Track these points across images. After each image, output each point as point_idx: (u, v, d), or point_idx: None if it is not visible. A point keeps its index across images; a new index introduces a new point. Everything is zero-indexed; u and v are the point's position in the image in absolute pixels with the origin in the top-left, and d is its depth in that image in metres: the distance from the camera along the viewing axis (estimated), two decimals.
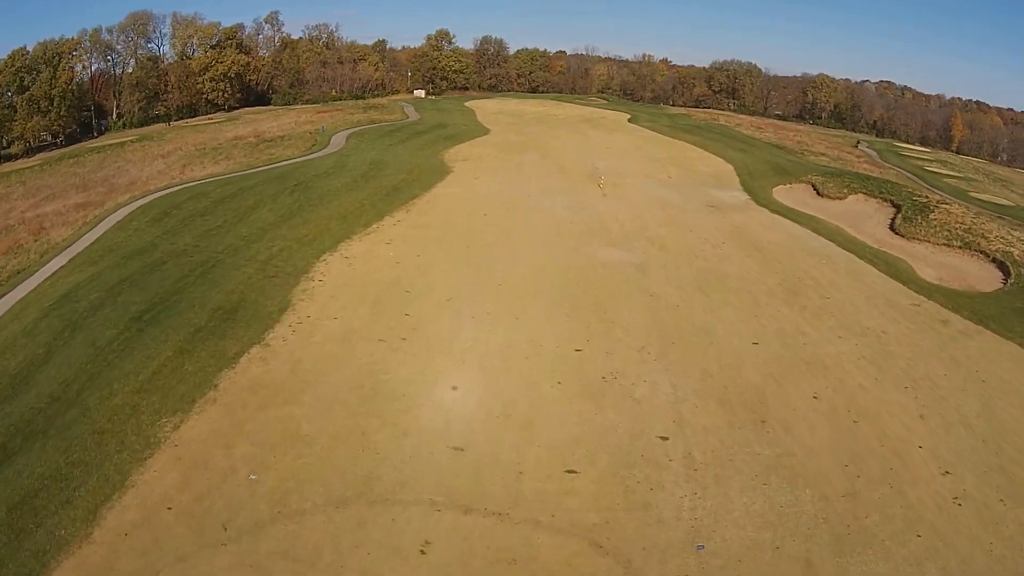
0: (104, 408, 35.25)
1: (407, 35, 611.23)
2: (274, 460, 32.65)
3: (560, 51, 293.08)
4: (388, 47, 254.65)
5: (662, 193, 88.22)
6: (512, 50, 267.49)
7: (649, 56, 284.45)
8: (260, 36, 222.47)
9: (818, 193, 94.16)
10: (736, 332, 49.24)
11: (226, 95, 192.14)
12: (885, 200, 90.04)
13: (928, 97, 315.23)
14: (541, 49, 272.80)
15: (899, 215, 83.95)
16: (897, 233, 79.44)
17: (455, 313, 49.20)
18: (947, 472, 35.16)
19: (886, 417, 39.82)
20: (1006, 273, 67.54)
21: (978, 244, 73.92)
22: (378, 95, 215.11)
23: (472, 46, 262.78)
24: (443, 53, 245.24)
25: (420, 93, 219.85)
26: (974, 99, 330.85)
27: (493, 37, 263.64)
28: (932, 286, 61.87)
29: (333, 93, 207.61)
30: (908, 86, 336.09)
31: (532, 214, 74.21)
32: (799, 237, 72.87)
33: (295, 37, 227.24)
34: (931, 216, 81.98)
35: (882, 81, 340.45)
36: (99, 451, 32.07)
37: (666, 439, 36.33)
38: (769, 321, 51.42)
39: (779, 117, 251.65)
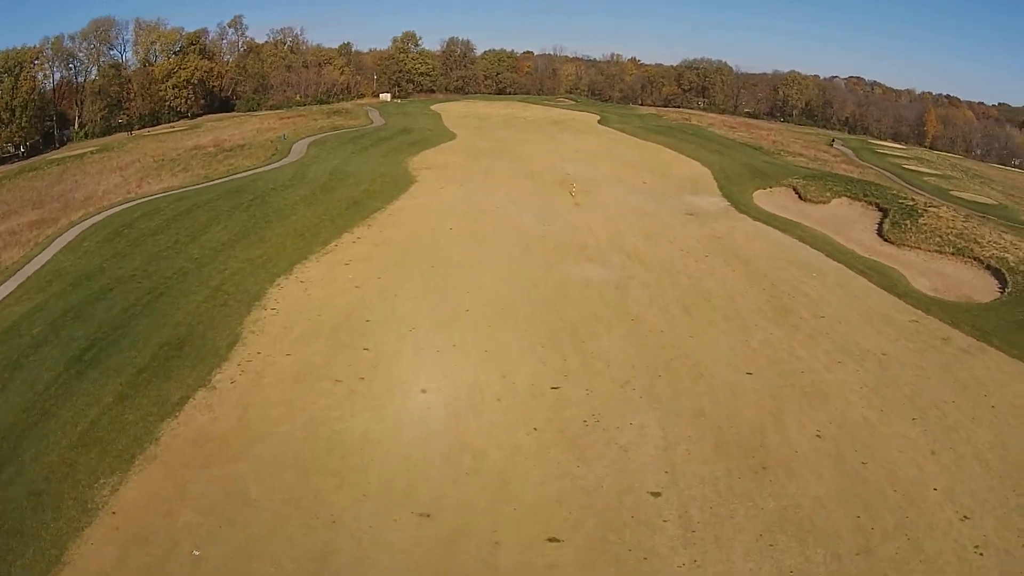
0: (40, 465, 31.88)
1: (375, 37, 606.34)
2: (220, 531, 29.13)
3: (527, 51, 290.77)
4: (354, 50, 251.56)
5: (637, 201, 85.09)
6: (479, 51, 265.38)
7: (618, 55, 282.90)
8: (224, 41, 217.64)
9: (800, 197, 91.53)
10: (727, 360, 46.04)
11: (189, 102, 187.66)
12: (870, 204, 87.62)
13: (899, 92, 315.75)
14: (508, 50, 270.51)
15: (886, 220, 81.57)
16: (886, 240, 76.96)
17: (418, 347, 45.67)
18: (965, 517, 32.32)
19: (896, 455, 36.82)
20: (1002, 281, 65.32)
21: (971, 250, 71.72)
22: (343, 99, 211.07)
23: (439, 48, 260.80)
24: (409, 55, 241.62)
25: (386, 97, 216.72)
26: (944, 93, 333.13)
27: (460, 38, 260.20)
28: (929, 298, 59.33)
29: (297, 98, 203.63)
30: (878, 81, 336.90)
31: (501, 227, 70.91)
32: (785, 247, 70.02)
33: (260, 41, 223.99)
34: (920, 221, 79.57)
35: (851, 77, 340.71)
36: (35, 518, 28.78)
37: (658, 495, 32.97)
38: (761, 346, 48.30)
39: (750, 115, 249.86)
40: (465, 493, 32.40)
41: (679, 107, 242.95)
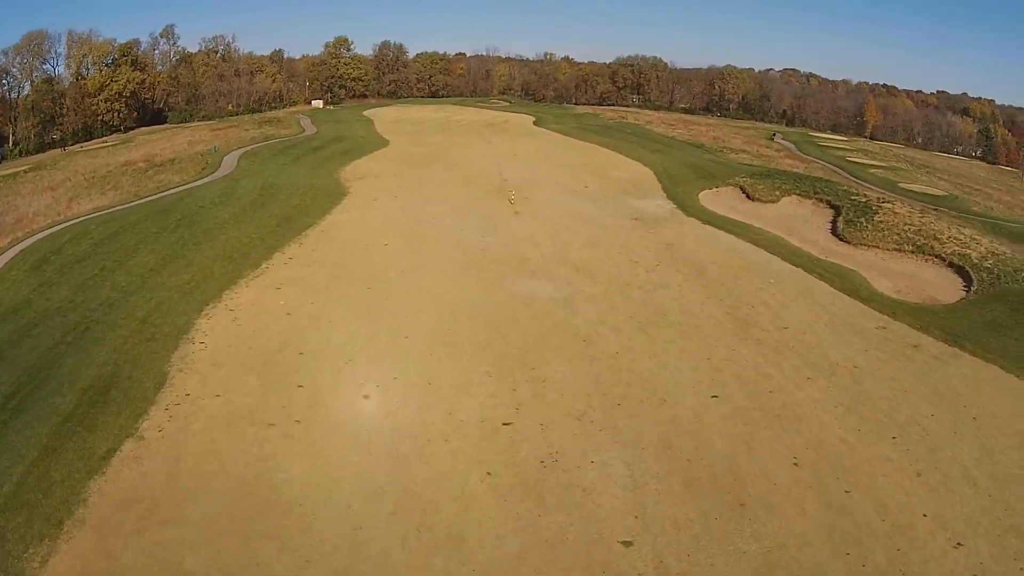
0: None
1: (309, 43, 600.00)
2: None
3: (460, 53, 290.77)
4: (286, 57, 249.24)
5: (580, 206, 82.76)
6: (412, 54, 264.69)
7: (551, 55, 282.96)
8: (156, 51, 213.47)
9: (748, 196, 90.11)
10: (690, 383, 43.59)
11: (122, 115, 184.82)
12: (821, 201, 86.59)
13: (835, 83, 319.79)
14: (441, 52, 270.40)
15: (840, 218, 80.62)
16: (842, 239, 75.99)
17: (356, 382, 42.41)
18: (959, 544, 30.48)
19: (880, 480, 34.73)
20: (966, 279, 64.55)
21: (931, 247, 71.04)
22: (275, 107, 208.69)
23: (371, 52, 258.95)
24: (342, 61, 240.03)
25: (318, 103, 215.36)
26: (881, 83, 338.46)
27: (392, 42, 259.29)
28: (893, 302, 57.93)
29: (230, 108, 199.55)
30: (813, 73, 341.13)
31: (439, 241, 68.04)
32: (739, 252, 68.12)
33: (192, 51, 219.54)
34: (876, 218, 78.65)
35: (786, 69, 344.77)
36: None
37: (630, 544, 30.30)
38: (725, 364, 45.98)
39: (685, 111, 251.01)
40: (416, 555, 29.34)
41: (613, 105, 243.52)
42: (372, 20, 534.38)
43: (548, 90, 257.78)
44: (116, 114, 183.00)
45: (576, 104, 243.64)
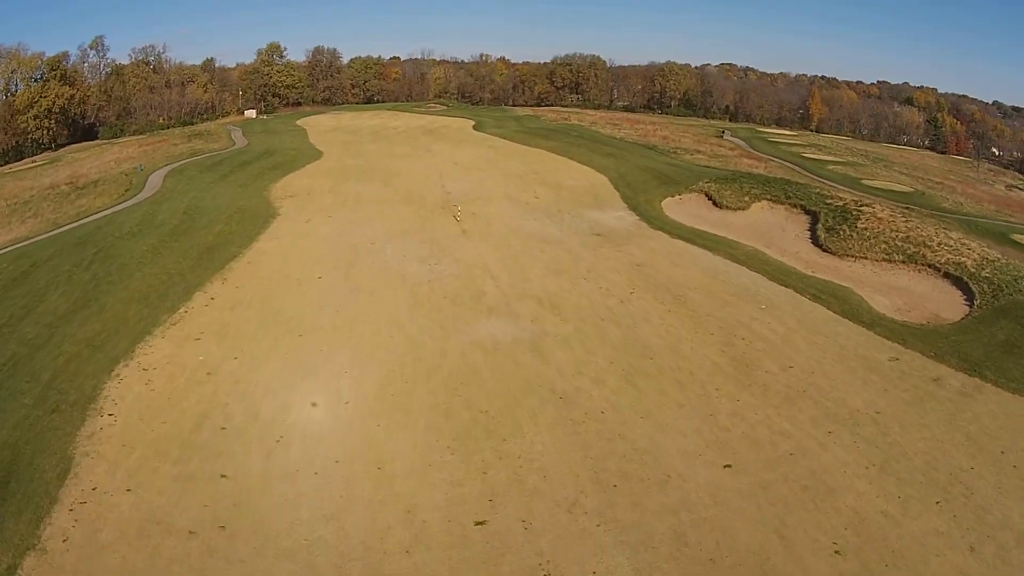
0: None
1: (244, 51, 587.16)
2: None
3: (395, 57, 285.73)
4: (218, 66, 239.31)
5: (534, 222, 75.90)
6: (346, 59, 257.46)
7: (486, 56, 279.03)
8: (85, 64, 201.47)
9: (715, 204, 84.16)
10: (696, 450, 36.80)
11: (52, 133, 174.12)
12: (794, 207, 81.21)
13: (774, 77, 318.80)
14: (375, 56, 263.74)
15: (819, 226, 75.42)
16: (826, 250, 70.95)
17: (290, 469, 34.86)
18: None
19: (934, 562, 29.48)
20: (965, 291, 60.12)
21: (923, 256, 66.30)
22: (207, 119, 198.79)
23: (305, 58, 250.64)
24: (275, 68, 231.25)
25: (251, 113, 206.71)
26: (820, 75, 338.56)
27: (326, 47, 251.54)
28: (899, 325, 52.49)
29: (161, 121, 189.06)
30: (751, 67, 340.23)
31: (380, 272, 60.40)
32: (720, 273, 61.75)
33: (123, 63, 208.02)
34: (859, 225, 73.73)
35: (724, 64, 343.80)
36: None
37: None
38: (732, 421, 39.31)
39: (626, 109, 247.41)
40: None
41: (552, 105, 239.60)
42: (306, 25, 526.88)
43: (485, 92, 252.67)
44: (46, 132, 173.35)
45: (514, 106, 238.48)
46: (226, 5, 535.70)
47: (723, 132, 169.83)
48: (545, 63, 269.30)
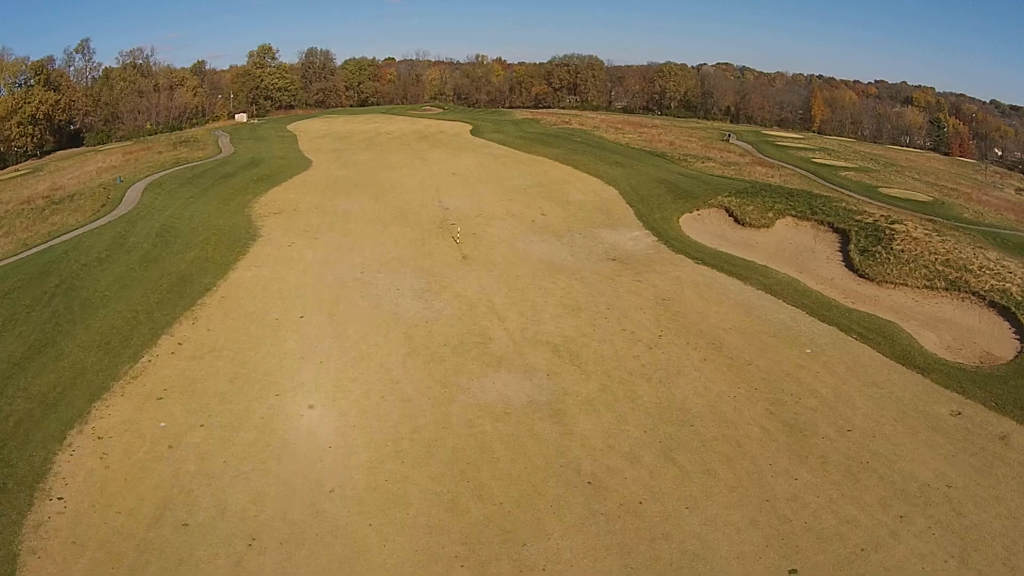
0: None
1: (238, 54, 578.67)
2: None
3: (390, 58, 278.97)
4: (210, 68, 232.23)
5: (542, 245, 68.68)
6: (340, 61, 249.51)
7: (482, 56, 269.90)
8: (71, 68, 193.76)
9: (737, 221, 77.19)
10: (755, 550, 29.92)
11: (36, 140, 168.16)
12: (821, 223, 74.76)
13: (771, 76, 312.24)
14: (370, 58, 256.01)
15: (851, 246, 69.25)
16: (862, 275, 64.74)
17: None
18: None
19: None
20: (1014, 323, 54.76)
21: (966, 283, 60.48)
22: (196, 124, 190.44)
23: (298, 60, 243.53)
24: (267, 70, 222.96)
25: (241, 117, 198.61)
26: (817, 74, 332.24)
27: (319, 49, 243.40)
28: (954, 369, 46.40)
29: (149, 126, 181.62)
30: (747, 66, 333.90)
31: (369, 310, 53.02)
32: (754, 307, 54.68)
33: (110, 66, 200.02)
34: (894, 246, 67.57)
35: (720, 63, 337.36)
36: None
37: None
38: (791, 507, 32.36)
39: (624, 110, 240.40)
40: None
41: (550, 107, 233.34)
42: (301, 27, 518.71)
43: (481, 94, 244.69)
44: (30, 139, 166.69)
45: (512, 107, 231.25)
46: (220, 7, 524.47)
47: (728, 136, 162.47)
48: (542, 63, 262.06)
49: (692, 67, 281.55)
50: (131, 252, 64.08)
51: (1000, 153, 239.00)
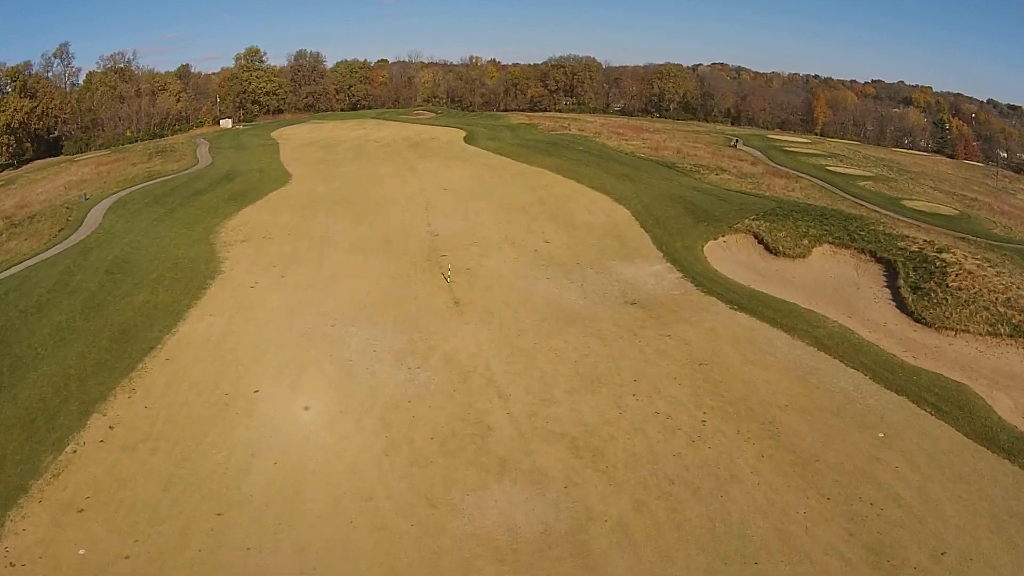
0: None
1: (227, 58, 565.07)
2: None
3: (382, 60, 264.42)
4: (195, 72, 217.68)
5: (548, 284, 58.47)
6: (331, 63, 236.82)
7: (476, 58, 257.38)
8: (49, 74, 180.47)
9: (769, 249, 67.19)
10: None
11: (12, 149, 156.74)
12: (862, 252, 65.70)
13: (768, 76, 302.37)
14: (361, 60, 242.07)
15: (901, 281, 59.47)
16: (918, 320, 54.75)
17: None
18: None
19: None
20: None
21: None
22: (179, 130, 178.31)
23: (287, 63, 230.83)
24: (254, 74, 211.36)
25: (226, 123, 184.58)
26: (813, 74, 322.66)
27: (308, 51, 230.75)
28: None
29: (129, 133, 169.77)
30: (743, 66, 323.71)
31: (338, 382, 42.67)
32: (808, 371, 44.58)
33: (91, 71, 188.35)
34: (948, 282, 58.54)
35: (715, 64, 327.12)
36: None
37: None
38: None
39: (623, 112, 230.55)
40: None
41: (546, 110, 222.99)
42: (290, 29, 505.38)
43: (476, 96, 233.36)
44: (5, 148, 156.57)
45: (507, 110, 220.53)
46: (208, 10, 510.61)
47: (735, 141, 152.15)
48: (537, 65, 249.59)
49: (688, 67, 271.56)
50: (75, 295, 54.12)
51: (1004, 155, 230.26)
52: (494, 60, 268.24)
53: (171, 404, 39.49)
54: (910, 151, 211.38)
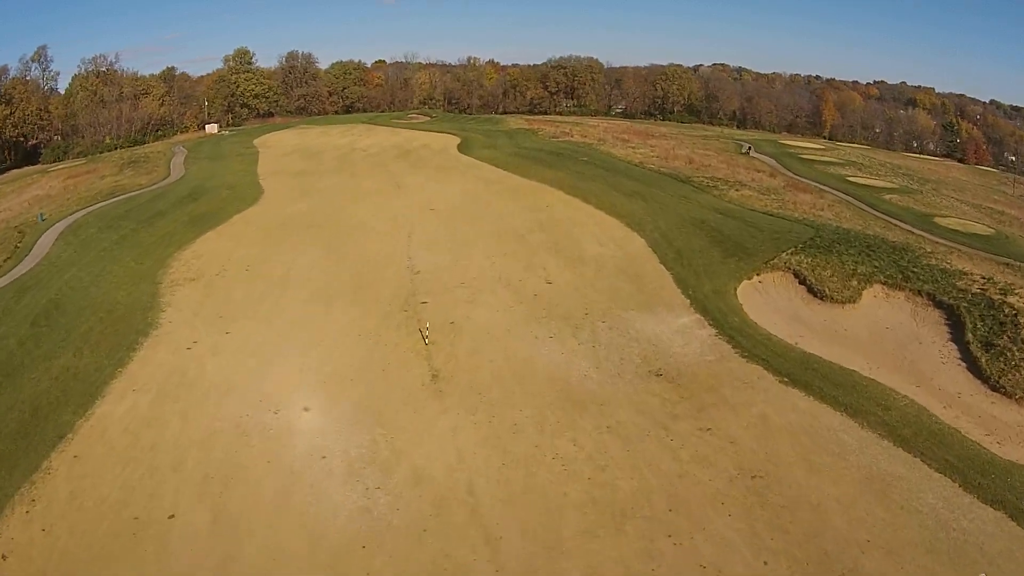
0: None
1: (216, 62, 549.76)
2: None
3: (380, 61, 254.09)
4: (181, 74, 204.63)
5: (551, 348, 46.40)
6: (325, 65, 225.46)
7: (474, 59, 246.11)
8: (27, 77, 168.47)
9: (812, 291, 55.22)
10: None
11: None
12: (919, 294, 54.31)
13: (770, 77, 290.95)
14: (356, 61, 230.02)
15: (969, 335, 48.36)
16: (996, 388, 43.53)
17: None
18: None
19: None
20: None
21: None
22: (162, 135, 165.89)
23: (278, 65, 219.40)
24: (242, 76, 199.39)
25: (212, 128, 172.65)
26: (814, 74, 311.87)
27: (300, 52, 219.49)
28: None
29: (108, 140, 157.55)
30: (744, 67, 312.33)
31: (271, 512, 31.27)
32: (888, 482, 33.18)
33: (71, 74, 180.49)
34: (1022, 335, 46.47)
35: (716, 64, 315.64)
36: None
37: None
38: None
39: (625, 115, 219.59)
40: None
41: (546, 112, 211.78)
42: (288, 30, 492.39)
43: (473, 98, 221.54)
44: None
45: (505, 113, 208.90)
46: (206, 11, 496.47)
47: (747, 148, 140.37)
48: (537, 65, 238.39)
49: (689, 68, 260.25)
50: None
51: (1014, 159, 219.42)
52: (492, 61, 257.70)
53: (72, 528, 29.43)
54: (920, 155, 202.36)
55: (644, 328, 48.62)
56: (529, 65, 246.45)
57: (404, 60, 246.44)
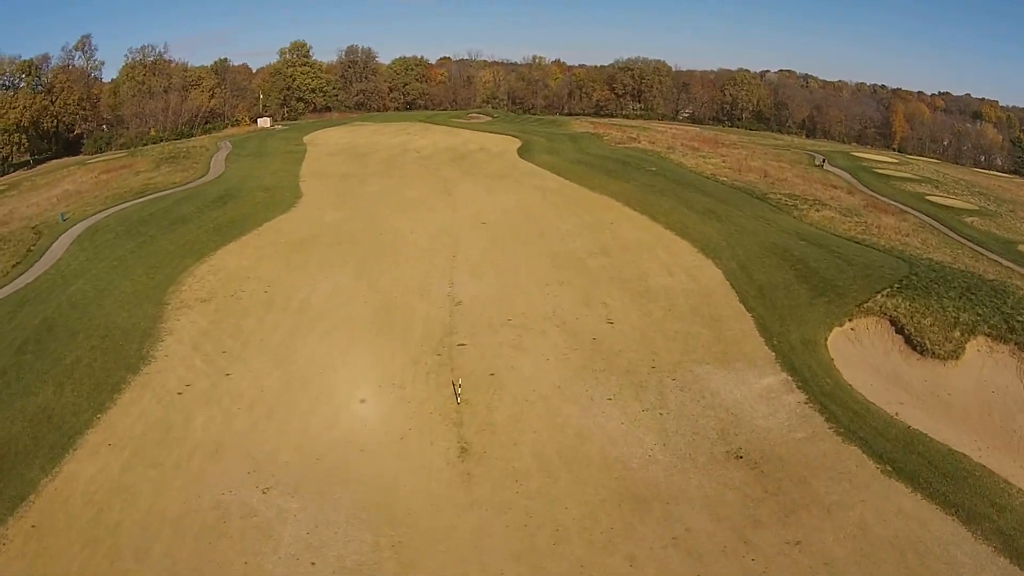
0: None
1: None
2: None
3: (444, 58, 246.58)
4: (235, 65, 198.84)
5: (610, 414, 37.58)
6: (388, 60, 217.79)
7: (540, 58, 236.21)
8: (70, 66, 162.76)
9: (911, 344, 45.17)
10: None
11: (22, 148, 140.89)
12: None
13: (836, 85, 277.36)
14: (419, 56, 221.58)
15: None
16: None
17: None
18: None
19: None
20: None
21: None
22: (211, 128, 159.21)
23: (336, 59, 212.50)
24: (299, 69, 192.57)
25: (265, 122, 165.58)
26: (880, 84, 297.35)
27: (360, 47, 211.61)
28: None
29: (153, 132, 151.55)
30: (811, 74, 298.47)
31: None
32: None
33: (117, 64, 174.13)
34: None
35: (782, 70, 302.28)
36: None
37: None
38: None
39: (692, 120, 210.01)
40: None
41: (612, 115, 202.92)
42: (343, 25, 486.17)
43: (538, 98, 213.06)
44: (15, 148, 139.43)
45: (570, 114, 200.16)
46: (260, 4, 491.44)
47: (821, 160, 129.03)
48: (603, 66, 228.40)
49: (755, 73, 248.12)
50: None
51: None
52: (559, 60, 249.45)
53: None
54: (987, 171, 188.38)
55: (721, 390, 39.36)
56: (596, 66, 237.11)
57: (468, 57, 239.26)
